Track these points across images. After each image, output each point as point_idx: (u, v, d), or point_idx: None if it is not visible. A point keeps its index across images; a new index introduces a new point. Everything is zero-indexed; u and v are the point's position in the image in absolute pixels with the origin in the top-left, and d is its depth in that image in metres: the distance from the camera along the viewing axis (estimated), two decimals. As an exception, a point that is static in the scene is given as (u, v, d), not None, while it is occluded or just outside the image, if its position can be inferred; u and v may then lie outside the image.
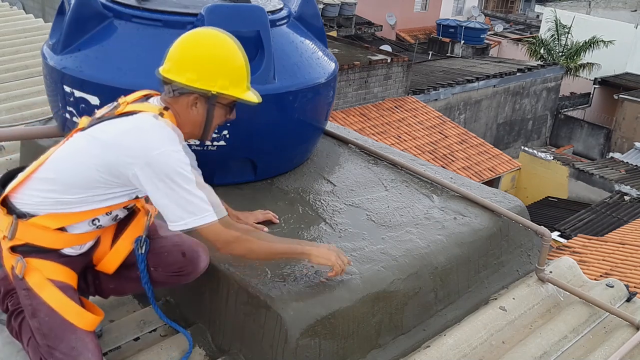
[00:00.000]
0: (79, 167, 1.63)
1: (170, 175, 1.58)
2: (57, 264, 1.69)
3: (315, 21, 2.71)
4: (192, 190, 1.61)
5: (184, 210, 1.60)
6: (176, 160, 1.59)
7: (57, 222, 1.67)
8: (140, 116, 1.66)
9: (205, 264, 1.87)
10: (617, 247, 8.90)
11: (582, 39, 22.43)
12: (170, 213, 1.62)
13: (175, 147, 1.61)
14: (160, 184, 1.58)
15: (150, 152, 1.58)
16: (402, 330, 2.08)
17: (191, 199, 1.60)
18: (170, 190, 1.59)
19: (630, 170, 14.53)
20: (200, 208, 1.62)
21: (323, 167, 2.72)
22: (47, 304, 1.64)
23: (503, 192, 2.76)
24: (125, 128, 1.63)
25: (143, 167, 1.57)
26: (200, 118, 1.73)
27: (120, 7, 2.35)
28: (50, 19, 3.49)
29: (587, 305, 2.36)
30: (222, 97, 1.72)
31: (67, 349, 1.64)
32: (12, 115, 3.67)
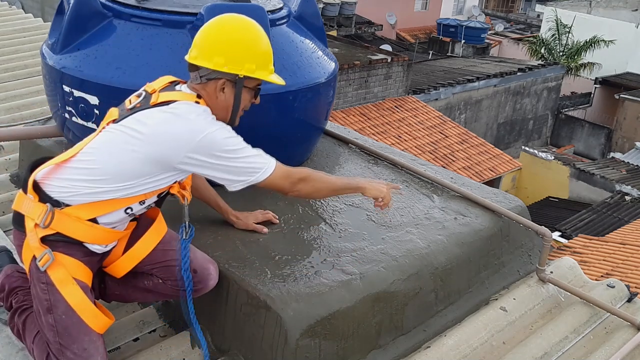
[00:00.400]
0: (121, 159, 1.63)
1: (221, 153, 1.65)
2: (80, 263, 1.68)
3: (315, 20, 2.71)
4: (245, 155, 1.70)
5: (245, 174, 1.71)
6: (222, 137, 1.65)
7: (91, 212, 1.66)
8: (180, 104, 1.68)
9: (214, 281, 1.87)
10: (618, 247, 8.89)
11: (582, 38, 22.41)
12: (232, 182, 1.72)
13: (218, 126, 1.67)
14: (214, 163, 1.65)
15: (196, 136, 1.62)
16: (402, 330, 2.08)
17: (247, 163, 1.70)
18: (225, 165, 1.67)
19: (631, 170, 14.52)
20: (259, 164, 1.72)
21: (323, 167, 2.72)
22: (65, 302, 1.63)
23: (504, 192, 2.75)
24: (167, 118, 1.65)
25: (193, 153, 1.62)
26: (228, 103, 1.76)
27: (120, 7, 2.35)
28: (49, 18, 3.48)
29: (587, 305, 2.36)
30: (248, 80, 1.75)
31: (79, 350, 1.63)
32: (11, 115, 3.66)
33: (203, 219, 2.15)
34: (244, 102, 1.80)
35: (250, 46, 1.74)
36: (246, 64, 1.72)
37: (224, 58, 1.70)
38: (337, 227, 2.24)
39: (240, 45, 1.72)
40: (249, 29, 1.76)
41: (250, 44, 1.74)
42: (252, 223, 2.13)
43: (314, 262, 2.01)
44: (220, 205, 2.12)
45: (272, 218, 2.20)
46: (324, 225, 2.25)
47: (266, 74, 1.78)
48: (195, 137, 1.62)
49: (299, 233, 2.17)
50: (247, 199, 2.38)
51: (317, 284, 1.90)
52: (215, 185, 2.20)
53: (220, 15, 1.79)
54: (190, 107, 1.69)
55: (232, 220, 2.13)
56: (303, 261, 2.01)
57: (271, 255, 2.02)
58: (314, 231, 2.20)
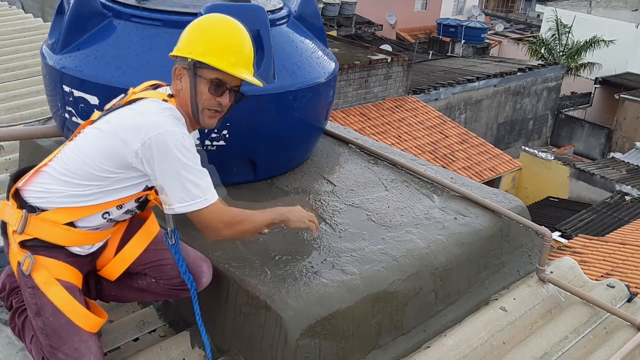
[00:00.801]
0: (86, 159, 1.63)
1: (172, 155, 1.56)
2: (64, 264, 1.68)
3: (315, 20, 2.71)
4: (195, 172, 1.60)
5: (187, 191, 1.59)
6: (178, 141, 1.57)
7: (67, 216, 1.65)
8: (144, 101, 1.66)
9: (207, 279, 1.86)
10: (618, 247, 8.89)
11: (582, 38, 22.41)
12: (174, 194, 1.60)
13: (177, 128, 1.59)
14: (163, 163, 1.57)
15: (151, 132, 1.56)
16: (402, 330, 2.08)
17: (194, 180, 1.59)
18: (173, 171, 1.57)
19: (631, 170, 14.52)
20: (203, 190, 1.61)
21: (323, 167, 2.72)
22: (52, 304, 1.63)
23: (504, 192, 2.75)
24: (128, 114, 1.64)
25: (145, 148, 1.56)
26: (185, 93, 1.69)
27: (120, 7, 2.35)
28: (49, 18, 3.48)
29: (587, 305, 2.36)
30: (204, 69, 1.65)
31: (70, 350, 1.63)
32: (11, 115, 3.66)
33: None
34: (203, 95, 1.68)
35: (205, 31, 1.68)
36: (197, 47, 1.65)
37: (180, 42, 1.69)
38: (337, 227, 2.24)
39: (194, 30, 1.69)
40: (214, 18, 1.73)
41: (206, 29, 1.69)
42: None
43: (314, 262, 2.01)
44: None
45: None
46: (324, 225, 2.25)
47: (221, 62, 1.64)
48: (149, 132, 1.56)
49: (299, 233, 2.17)
50: (248, 199, 2.38)
51: (317, 284, 1.90)
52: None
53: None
54: (153, 103, 1.65)
55: None
56: (303, 261, 2.01)
57: (271, 255, 2.02)
58: (314, 231, 2.20)
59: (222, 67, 1.65)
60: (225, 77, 1.67)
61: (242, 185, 2.47)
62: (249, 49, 1.74)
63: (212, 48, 1.65)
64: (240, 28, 1.73)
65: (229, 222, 1.70)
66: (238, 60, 1.69)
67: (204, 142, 2.27)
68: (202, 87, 1.68)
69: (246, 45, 1.73)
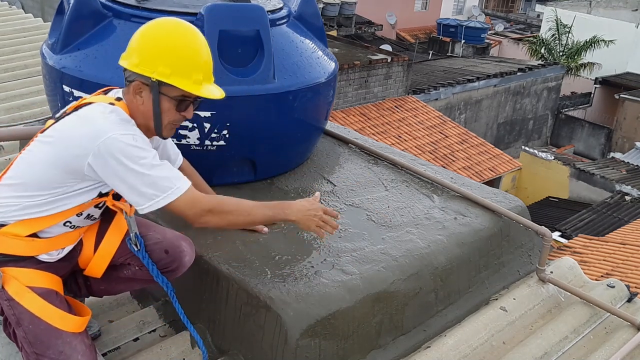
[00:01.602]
0: (36, 169, 1.60)
1: (123, 159, 1.52)
2: (35, 270, 1.66)
3: (315, 20, 2.71)
4: (151, 169, 1.55)
5: (148, 190, 1.55)
6: (128, 143, 1.53)
7: (28, 228, 1.63)
8: (89, 107, 1.61)
9: (190, 257, 1.83)
10: (618, 247, 8.89)
11: (582, 38, 22.41)
12: (135, 197, 1.56)
13: (124, 130, 1.54)
14: (117, 169, 1.53)
15: (99, 138, 1.51)
16: (402, 330, 2.08)
17: (152, 178, 1.55)
18: (129, 174, 1.53)
19: (631, 170, 14.51)
20: (164, 185, 1.56)
21: (323, 167, 2.72)
22: (29, 312, 1.61)
23: (504, 192, 2.75)
24: (74, 122, 1.59)
25: (96, 156, 1.52)
26: (146, 109, 1.63)
27: (120, 7, 2.35)
28: (49, 18, 3.48)
29: (587, 305, 2.36)
30: (168, 88, 1.60)
31: (55, 354, 1.62)
32: (11, 115, 3.66)
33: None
34: (167, 113, 1.63)
35: (167, 48, 1.59)
36: (160, 67, 1.57)
37: (139, 58, 1.59)
38: (337, 227, 2.24)
39: (156, 47, 1.59)
40: (174, 32, 1.62)
41: (168, 46, 1.59)
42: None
43: (314, 262, 2.01)
44: None
45: None
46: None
47: (187, 84, 1.60)
48: (98, 139, 1.51)
49: (299, 233, 2.17)
50: (248, 198, 2.37)
51: (317, 284, 1.90)
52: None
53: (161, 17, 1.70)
54: (97, 107, 1.59)
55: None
56: (303, 261, 2.01)
57: (271, 255, 2.02)
58: (314, 231, 2.20)
59: (190, 89, 1.61)
60: (190, 94, 1.63)
61: (242, 185, 2.47)
62: (210, 58, 1.68)
63: (178, 68, 1.59)
64: (199, 37, 1.66)
65: (212, 209, 1.65)
66: (204, 76, 1.65)
67: (204, 142, 2.27)
68: (166, 105, 1.63)
69: (207, 55, 1.67)
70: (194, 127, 2.23)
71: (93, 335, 1.95)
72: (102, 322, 2.04)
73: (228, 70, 2.22)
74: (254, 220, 1.76)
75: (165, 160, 1.63)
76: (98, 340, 1.95)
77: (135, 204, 1.59)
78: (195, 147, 2.27)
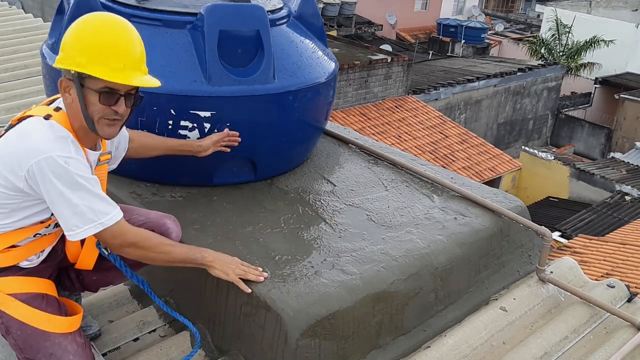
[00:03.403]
0: None
1: (55, 182, 1.49)
2: (17, 278, 1.65)
3: (315, 20, 2.71)
4: (83, 197, 1.52)
5: (80, 217, 1.53)
6: (60, 166, 1.49)
7: (3, 243, 1.62)
8: (27, 121, 1.57)
9: (177, 234, 1.83)
10: (618, 247, 8.89)
11: (582, 38, 22.42)
12: (67, 222, 1.54)
13: (61, 151, 1.51)
14: (49, 191, 1.50)
15: (34, 158, 1.48)
16: (402, 330, 2.08)
17: (84, 205, 1.52)
18: (62, 198, 1.50)
19: (631, 170, 14.52)
20: (96, 213, 1.54)
21: (323, 167, 2.72)
22: (15, 319, 1.61)
23: (504, 192, 2.75)
24: (12, 137, 1.56)
25: (30, 175, 1.50)
26: (76, 106, 1.57)
27: (120, 7, 2.35)
28: (49, 18, 3.48)
29: (587, 305, 2.36)
30: (90, 80, 1.54)
31: (45, 357, 1.61)
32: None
33: (203, 219, 2.16)
34: (94, 107, 1.56)
35: (83, 37, 1.53)
36: (77, 57, 1.52)
37: (62, 52, 1.55)
38: (337, 227, 2.24)
39: (74, 37, 1.55)
40: (94, 22, 1.57)
41: (85, 35, 1.54)
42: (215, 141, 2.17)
43: (314, 262, 2.01)
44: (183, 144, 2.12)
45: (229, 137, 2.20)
46: (324, 225, 2.25)
47: (105, 71, 1.52)
48: (32, 158, 1.48)
49: (299, 233, 2.17)
50: (248, 199, 2.38)
51: (317, 284, 1.90)
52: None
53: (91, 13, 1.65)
54: (33, 122, 1.55)
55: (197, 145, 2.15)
56: (303, 261, 2.01)
57: (271, 255, 2.02)
58: (314, 231, 2.20)
59: (107, 77, 1.53)
60: (114, 84, 1.55)
61: (242, 185, 2.47)
62: (138, 49, 1.61)
63: (94, 56, 1.52)
64: (124, 26, 1.59)
65: (134, 243, 1.63)
66: (126, 64, 1.56)
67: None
68: (91, 98, 1.56)
69: (133, 45, 1.59)
70: (194, 127, 2.23)
71: (93, 335, 1.95)
72: (102, 322, 2.04)
73: (228, 70, 2.22)
74: (173, 259, 1.73)
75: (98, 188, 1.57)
76: (98, 340, 1.95)
77: (64, 228, 1.57)
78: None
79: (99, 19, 1.60)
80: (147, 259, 1.71)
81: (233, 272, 1.79)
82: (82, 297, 2.04)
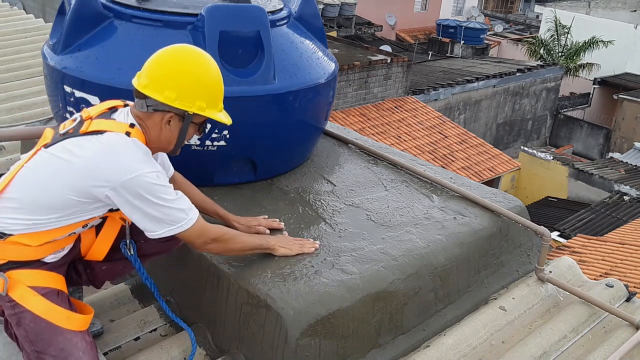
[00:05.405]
0: (48, 189, 1.60)
1: (146, 196, 1.59)
2: (40, 271, 1.67)
3: (315, 21, 2.72)
4: (169, 204, 1.64)
5: (162, 222, 1.65)
6: (150, 181, 1.60)
7: (37, 239, 1.64)
8: (109, 137, 1.62)
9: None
10: (616, 247, 8.90)
11: (581, 39, 22.43)
12: (149, 224, 1.65)
13: (148, 168, 1.61)
14: (136, 204, 1.60)
15: (123, 176, 1.57)
16: (402, 330, 2.09)
17: (169, 212, 1.64)
18: (148, 208, 1.61)
19: (629, 170, 14.53)
20: (178, 217, 1.66)
21: (323, 167, 2.73)
22: (31, 312, 1.62)
23: (503, 192, 2.76)
24: (95, 150, 1.60)
25: (117, 190, 1.58)
26: (172, 134, 1.72)
27: (121, 8, 2.36)
28: (50, 19, 3.49)
29: (586, 305, 2.36)
30: (197, 116, 1.72)
31: (56, 351, 1.63)
32: (12, 115, 3.67)
33: (203, 219, 2.16)
34: (189, 137, 1.78)
35: (203, 84, 1.70)
36: (197, 101, 1.68)
37: (176, 93, 1.65)
38: (337, 227, 2.25)
39: (193, 82, 1.68)
40: (203, 65, 1.72)
41: (203, 82, 1.70)
42: (254, 226, 2.12)
43: (314, 261, 2.02)
44: (220, 213, 2.11)
45: (275, 225, 2.17)
46: (324, 225, 2.26)
47: (215, 112, 1.74)
48: (122, 176, 1.57)
49: (299, 233, 2.18)
50: (248, 199, 2.39)
51: (317, 284, 1.91)
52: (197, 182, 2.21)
53: (175, 45, 1.74)
54: (119, 140, 1.63)
55: (235, 226, 2.11)
56: (303, 261, 2.02)
57: (271, 255, 2.03)
58: (314, 231, 2.21)
59: (217, 118, 1.74)
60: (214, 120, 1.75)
61: (242, 185, 2.48)
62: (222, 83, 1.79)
63: (212, 100, 1.72)
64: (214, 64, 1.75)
65: (216, 238, 1.78)
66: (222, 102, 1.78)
67: (204, 142, 2.28)
68: (191, 131, 1.77)
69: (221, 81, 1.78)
70: (194, 127, 2.24)
71: (96, 333, 1.96)
72: (103, 321, 2.05)
73: (228, 70, 2.22)
74: (246, 248, 1.93)
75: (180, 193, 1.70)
76: (99, 339, 1.96)
77: (148, 230, 1.66)
78: (196, 147, 2.28)
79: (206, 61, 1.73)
80: (226, 250, 1.88)
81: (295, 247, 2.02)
82: (83, 297, 2.04)
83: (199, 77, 1.70)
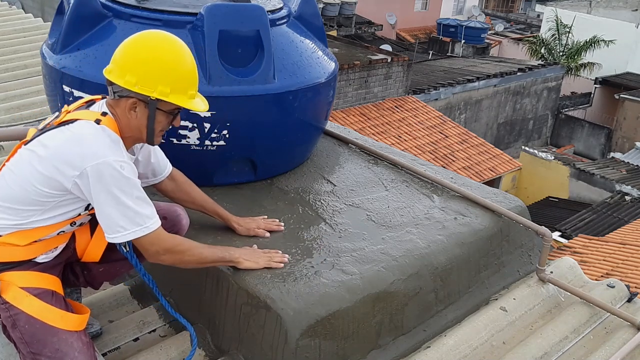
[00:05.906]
0: (23, 184, 1.59)
1: (111, 185, 1.55)
2: (32, 272, 1.67)
3: (315, 20, 2.71)
4: (134, 200, 1.59)
5: (128, 220, 1.59)
6: (116, 170, 1.55)
7: (24, 239, 1.64)
8: (78, 124, 1.61)
9: (186, 220, 1.92)
10: (618, 247, 8.89)
11: (582, 38, 22.42)
12: (113, 223, 1.59)
13: (117, 156, 1.57)
14: (101, 194, 1.56)
15: (89, 161, 1.54)
16: (402, 330, 2.08)
17: (134, 209, 1.59)
18: (112, 201, 1.56)
19: (631, 170, 14.52)
20: (143, 217, 1.61)
21: (323, 167, 2.72)
22: (25, 314, 1.62)
23: (504, 192, 2.75)
24: (63, 138, 1.58)
25: (82, 177, 1.55)
26: (139, 123, 1.67)
27: (120, 7, 2.35)
28: (49, 18, 3.48)
29: (587, 305, 2.36)
30: (164, 103, 1.66)
31: (51, 352, 1.62)
32: (11, 115, 3.67)
33: (203, 219, 2.15)
34: (160, 125, 1.70)
35: (166, 68, 1.63)
36: (159, 86, 1.62)
37: (136, 77, 1.61)
38: (337, 227, 2.24)
39: (154, 66, 1.62)
40: (169, 49, 1.66)
41: (166, 66, 1.63)
42: (254, 228, 2.12)
43: (314, 262, 2.01)
44: (220, 213, 2.10)
45: (274, 227, 2.17)
46: (324, 225, 2.25)
47: (182, 100, 1.66)
48: (85, 162, 1.54)
49: (299, 233, 2.17)
50: (248, 199, 2.38)
51: (317, 284, 1.90)
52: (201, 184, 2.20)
53: (143, 32, 1.69)
54: (87, 127, 1.60)
55: (234, 227, 2.11)
56: (303, 261, 2.01)
57: (271, 255, 2.02)
58: (314, 231, 2.20)
59: (187, 105, 1.67)
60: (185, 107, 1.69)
61: (242, 185, 2.47)
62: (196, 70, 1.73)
63: (177, 86, 1.65)
64: (188, 51, 1.70)
65: (170, 249, 1.70)
66: (195, 90, 1.72)
67: (204, 142, 2.27)
68: (160, 118, 1.69)
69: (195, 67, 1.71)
70: (194, 127, 2.23)
71: (95, 334, 1.95)
72: (102, 322, 2.04)
73: (228, 70, 2.22)
74: (204, 261, 1.83)
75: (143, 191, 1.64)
76: (98, 340, 1.95)
77: (105, 230, 1.62)
78: (195, 147, 2.27)
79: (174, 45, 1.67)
80: (181, 263, 1.77)
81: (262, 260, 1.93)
82: (81, 298, 2.03)
83: (161, 62, 1.63)
